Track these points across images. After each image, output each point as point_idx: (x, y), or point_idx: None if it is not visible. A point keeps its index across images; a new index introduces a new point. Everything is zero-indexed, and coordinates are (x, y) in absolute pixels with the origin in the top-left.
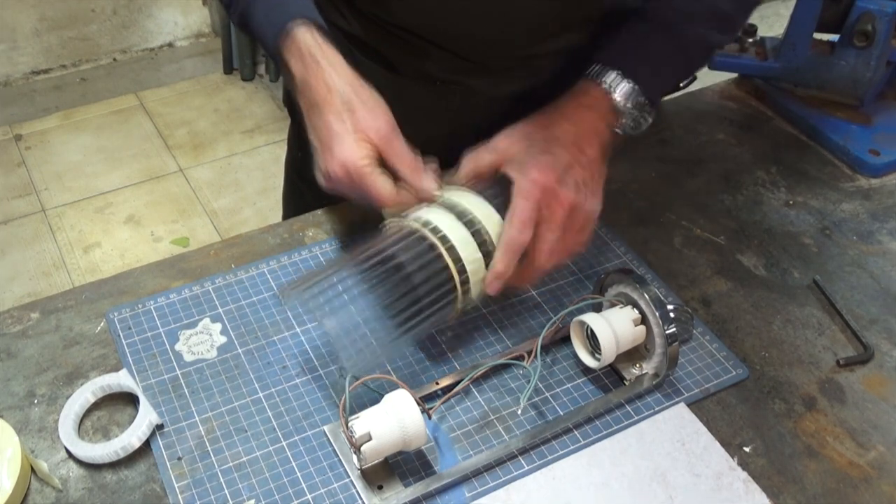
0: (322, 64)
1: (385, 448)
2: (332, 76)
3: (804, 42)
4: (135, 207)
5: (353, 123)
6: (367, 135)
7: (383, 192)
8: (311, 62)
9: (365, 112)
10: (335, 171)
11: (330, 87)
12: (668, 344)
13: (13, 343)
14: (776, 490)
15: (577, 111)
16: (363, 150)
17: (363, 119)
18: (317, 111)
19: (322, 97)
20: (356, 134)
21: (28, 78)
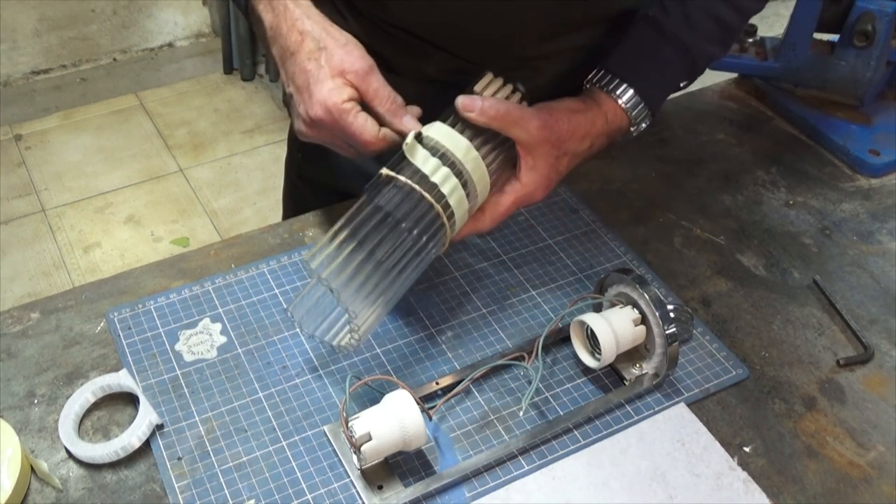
0: (291, 8)
1: (385, 448)
2: (303, 20)
3: (804, 42)
4: (135, 207)
5: (330, 64)
6: (344, 75)
7: (366, 131)
8: (280, 8)
9: (340, 52)
10: (316, 113)
11: (302, 31)
12: (668, 344)
13: (13, 343)
14: (776, 490)
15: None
16: (343, 90)
17: (339, 59)
18: (291, 57)
19: (295, 42)
20: (333, 74)
21: (28, 78)
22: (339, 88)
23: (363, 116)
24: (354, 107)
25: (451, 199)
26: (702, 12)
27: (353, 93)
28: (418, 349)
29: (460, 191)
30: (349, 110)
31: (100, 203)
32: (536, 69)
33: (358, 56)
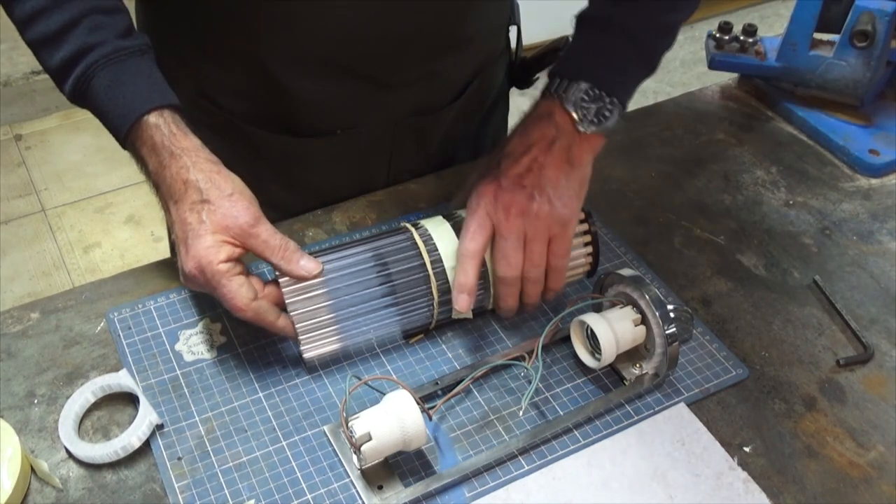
0: (177, 154)
1: (385, 448)
2: (187, 168)
3: (804, 42)
4: (135, 207)
5: (211, 219)
6: (227, 230)
7: (237, 297)
8: (165, 155)
9: (225, 204)
10: (190, 270)
11: (186, 181)
12: (668, 344)
13: (13, 343)
14: (776, 490)
15: (528, 125)
16: (221, 250)
17: (222, 213)
18: (175, 205)
19: (178, 191)
20: (215, 230)
21: (28, 78)
22: (216, 246)
23: (238, 281)
24: (231, 269)
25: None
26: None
27: (233, 251)
28: (418, 349)
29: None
30: (224, 272)
31: (100, 203)
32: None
33: (243, 209)
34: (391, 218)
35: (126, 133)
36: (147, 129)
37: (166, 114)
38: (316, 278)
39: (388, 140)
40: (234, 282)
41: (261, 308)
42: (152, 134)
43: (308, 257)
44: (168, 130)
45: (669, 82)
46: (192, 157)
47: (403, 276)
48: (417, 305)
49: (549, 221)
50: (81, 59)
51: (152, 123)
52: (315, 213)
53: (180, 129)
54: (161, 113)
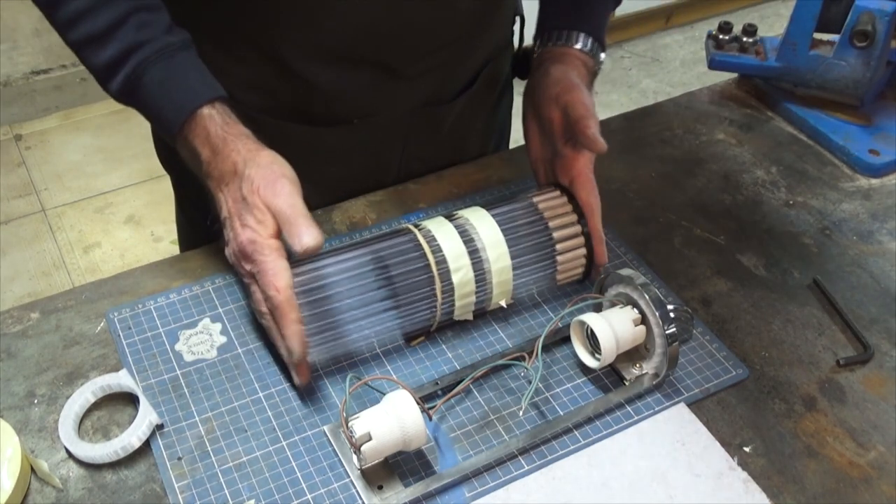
0: (230, 141)
1: (385, 448)
2: (237, 151)
3: (804, 42)
4: (135, 207)
5: (253, 192)
6: (269, 206)
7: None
8: (219, 143)
9: (259, 174)
10: (241, 242)
11: (235, 162)
12: (668, 344)
13: (13, 343)
14: (776, 490)
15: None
16: (268, 226)
17: (258, 181)
18: (226, 188)
19: (229, 174)
20: (259, 207)
21: (28, 78)
22: (265, 222)
23: (281, 263)
24: (280, 247)
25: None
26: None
27: (276, 229)
28: (418, 349)
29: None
30: (273, 248)
31: (100, 203)
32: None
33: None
34: (391, 218)
35: (180, 128)
36: (202, 120)
37: (218, 105)
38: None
39: (402, 129)
40: (281, 261)
41: (291, 300)
42: (206, 125)
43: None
44: (221, 121)
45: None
46: (242, 141)
47: (406, 279)
48: (420, 308)
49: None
50: (131, 57)
51: (206, 115)
52: (315, 213)
53: (232, 119)
54: (213, 105)
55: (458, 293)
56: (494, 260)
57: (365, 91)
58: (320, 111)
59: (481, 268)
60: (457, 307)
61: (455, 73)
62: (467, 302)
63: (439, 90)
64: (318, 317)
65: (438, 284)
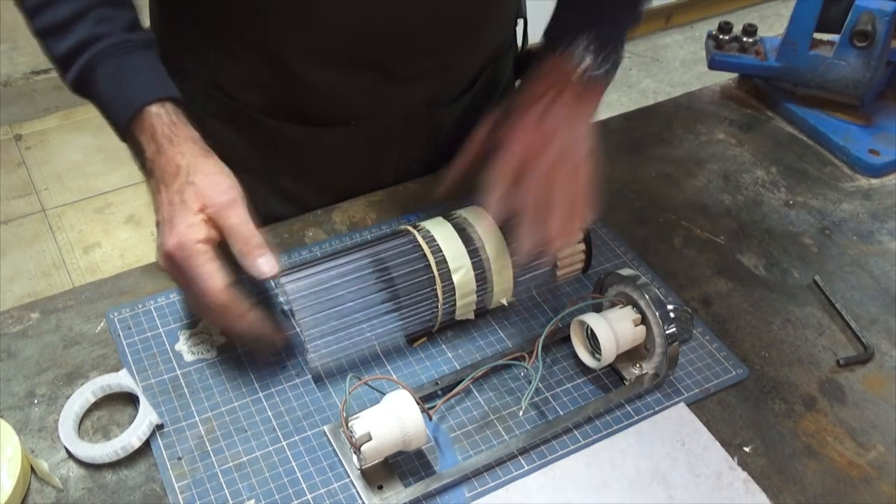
0: (175, 142)
1: (385, 448)
2: (182, 154)
3: (804, 42)
4: (135, 207)
5: (193, 198)
6: (204, 209)
7: (214, 279)
8: (164, 142)
9: (206, 182)
10: (169, 248)
11: (179, 166)
12: (668, 344)
13: (13, 343)
14: (776, 490)
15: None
16: (202, 230)
17: (202, 191)
18: (164, 189)
19: (170, 175)
20: (196, 210)
21: (28, 78)
22: (196, 226)
23: (213, 265)
24: (207, 251)
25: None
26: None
27: (212, 234)
28: (418, 349)
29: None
30: (202, 252)
31: (100, 203)
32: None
33: (223, 189)
34: (391, 218)
35: (127, 122)
36: (149, 117)
37: (168, 105)
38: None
39: (400, 131)
40: (211, 264)
41: (234, 296)
42: (153, 122)
43: (269, 258)
44: (169, 120)
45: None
46: (188, 145)
47: (407, 280)
48: (421, 309)
49: (569, 153)
50: (87, 49)
51: (154, 113)
52: (315, 213)
53: (180, 120)
54: (163, 104)
55: (459, 293)
56: (494, 258)
57: (362, 92)
58: (318, 111)
59: (481, 266)
60: (458, 307)
61: (453, 76)
62: (468, 301)
63: (438, 93)
64: (320, 321)
65: (439, 285)
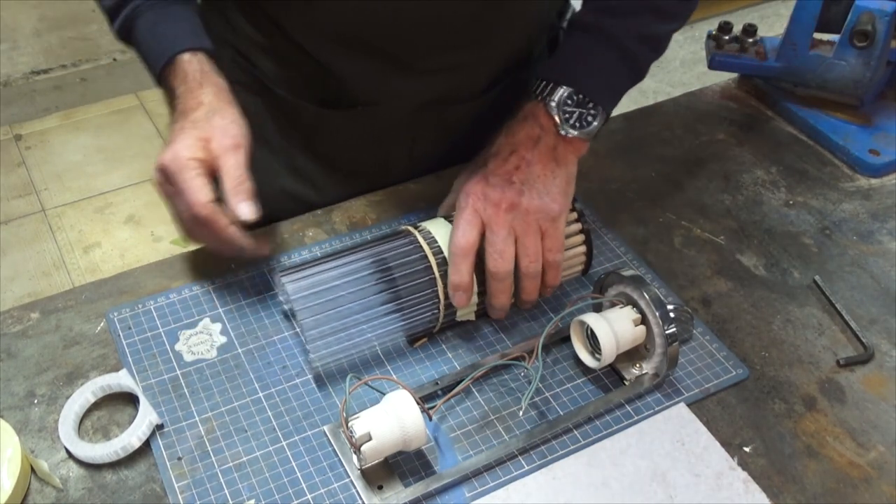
0: (203, 84)
1: (385, 448)
2: (207, 95)
3: (804, 42)
4: (135, 207)
5: (201, 127)
6: (207, 142)
7: (199, 192)
8: (193, 83)
9: (217, 122)
10: (162, 160)
11: (201, 102)
12: (668, 344)
13: (13, 343)
14: (776, 490)
15: (513, 125)
16: (194, 149)
17: (212, 129)
18: (180, 119)
19: (190, 109)
20: (198, 138)
21: (28, 78)
22: (191, 147)
23: (201, 180)
24: (197, 167)
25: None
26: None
27: (205, 157)
28: (418, 349)
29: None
30: (191, 167)
31: (100, 203)
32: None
33: (231, 134)
34: (391, 218)
35: (162, 68)
36: (182, 63)
37: (200, 55)
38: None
39: (410, 124)
40: (199, 179)
41: (215, 209)
42: (185, 68)
43: (251, 206)
44: (200, 67)
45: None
46: (214, 89)
47: (408, 281)
48: (423, 310)
49: (539, 216)
50: (130, 1)
51: (186, 59)
52: (315, 213)
53: (211, 68)
54: (195, 53)
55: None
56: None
57: (369, 77)
58: (328, 91)
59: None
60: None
61: (465, 76)
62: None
63: (450, 90)
64: (321, 321)
65: (440, 286)
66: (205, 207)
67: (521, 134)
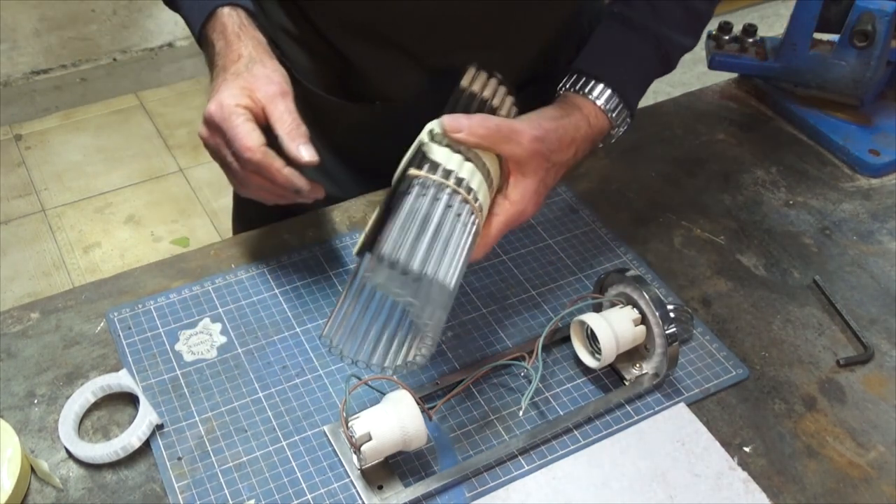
0: (242, 38)
1: (385, 448)
2: (247, 47)
3: (804, 42)
4: (135, 207)
5: (245, 78)
6: (253, 91)
7: (248, 137)
8: (232, 37)
9: (261, 73)
10: (209, 110)
11: (241, 56)
12: (668, 344)
13: (13, 343)
14: (776, 490)
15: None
16: (241, 97)
17: (254, 79)
18: (223, 71)
19: (231, 61)
20: (242, 87)
21: (28, 78)
22: (237, 95)
23: (251, 125)
24: (245, 113)
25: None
26: (669, 1)
27: (251, 105)
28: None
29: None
30: (239, 113)
31: (100, 203)
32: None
33: (275, 81)
34: None
35: (202, 25)
36: (221, 17)
37: (240, 10)
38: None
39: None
40: (247, 124)
41: (267, 152)
42: (224, 22)
43: (310, 147)
44: (239, 21)
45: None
46: (253, 42)
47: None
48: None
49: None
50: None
51: (226, 13)
52: (315, 213)
53: (250, 23)
54: (235, 8)
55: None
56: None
57: (389, 71)
58: (349, 84)
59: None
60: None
61: None
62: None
63: None
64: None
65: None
66: (257, 151)
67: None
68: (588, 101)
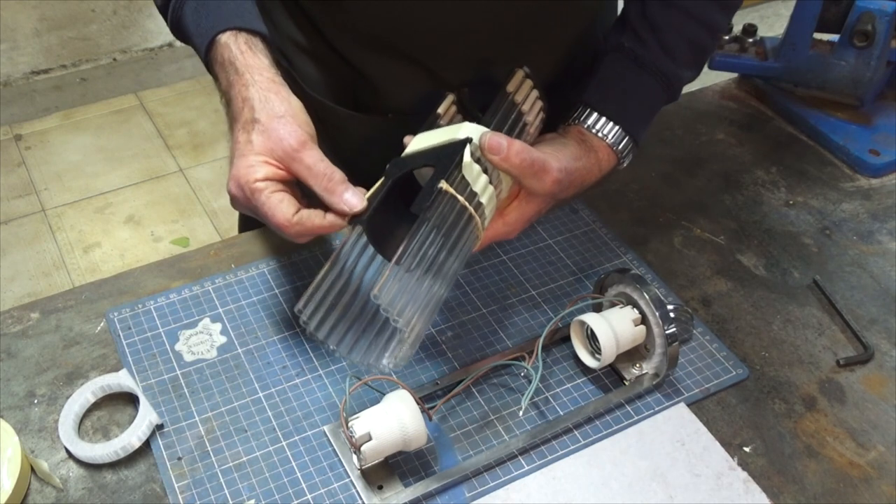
0: (241, 72)
1: (385, 448)
2: (247, 86)
3: (804, 42)
4: (135, 207)
5: (258, 139)
6: (271, 152)
7: (278, 213)
8: (232, 73)
9: (272, 124)
10: (230, 191)
11: (245, 99)
12: (668, 344)
13: (13, 343)
14: (776, 490)
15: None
16: (260, 169)
17: (269, 133)
18: (233, 124)
19: (237, 109)
20: (258, 151)
21: (28, 78)
22: (256, 166)
23: (277, 197)
24: (268, 186)
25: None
26: (678, 38)
27: (275, 172)
28: (418, 349)
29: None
30: (261, 189)
31: (100, 203)
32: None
33: (290, 131)
34: None
35: (206, 55)
36: (219, 47)
37: (241, 35)
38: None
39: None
40: (273, 198)
41: (303, 217)
42: (222, 52)
43: (354, 191)
44: (237, 49)
45: None
46: (254, 74)
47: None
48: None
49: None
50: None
51: (223, 42)
52: None
53: (250, 49)
54: (235, 34)
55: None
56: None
57: (401, 83)
58: (359, 96)
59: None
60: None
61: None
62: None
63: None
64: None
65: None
66: (293, 225)
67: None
68: (603, 144)
